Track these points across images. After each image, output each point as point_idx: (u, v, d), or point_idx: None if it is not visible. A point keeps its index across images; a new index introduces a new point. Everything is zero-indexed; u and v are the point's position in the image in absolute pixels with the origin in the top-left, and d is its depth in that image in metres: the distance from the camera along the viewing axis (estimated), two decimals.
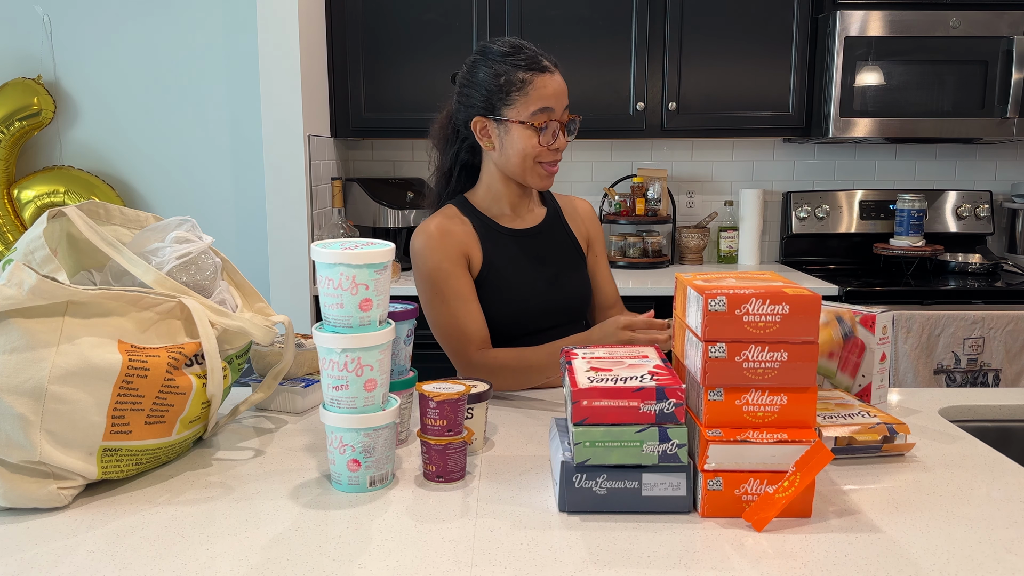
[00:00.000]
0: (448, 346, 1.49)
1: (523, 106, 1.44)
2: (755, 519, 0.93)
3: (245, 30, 3.00)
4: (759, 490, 0.95)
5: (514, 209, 1.56)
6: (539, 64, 1.44)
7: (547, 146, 1.46)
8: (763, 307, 0.94)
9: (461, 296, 1.47)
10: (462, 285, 1.48)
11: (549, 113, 1.45)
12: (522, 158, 1.47)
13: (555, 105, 1.45)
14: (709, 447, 0.95)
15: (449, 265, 1.47)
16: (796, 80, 2.84)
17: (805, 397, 0.96)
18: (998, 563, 0.85)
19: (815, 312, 0.94)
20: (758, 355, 0.94)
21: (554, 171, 1.50)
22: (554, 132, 1.46)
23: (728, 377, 0.95)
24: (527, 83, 1.43)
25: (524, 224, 1.57)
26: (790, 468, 0.95)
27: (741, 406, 0.96)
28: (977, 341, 2.49)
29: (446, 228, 1.50)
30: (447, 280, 1.47)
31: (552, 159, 1.48)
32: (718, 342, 0.95)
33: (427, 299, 1.50)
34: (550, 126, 1.45)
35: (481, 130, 1.49)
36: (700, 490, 0.96)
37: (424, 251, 1.48)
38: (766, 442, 0.95)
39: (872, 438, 1.13)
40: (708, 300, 0.94)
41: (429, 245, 1.48)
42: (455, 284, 1.47)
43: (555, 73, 1.46)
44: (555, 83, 1.46)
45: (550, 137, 1.45)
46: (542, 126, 1.44)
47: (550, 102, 1.44)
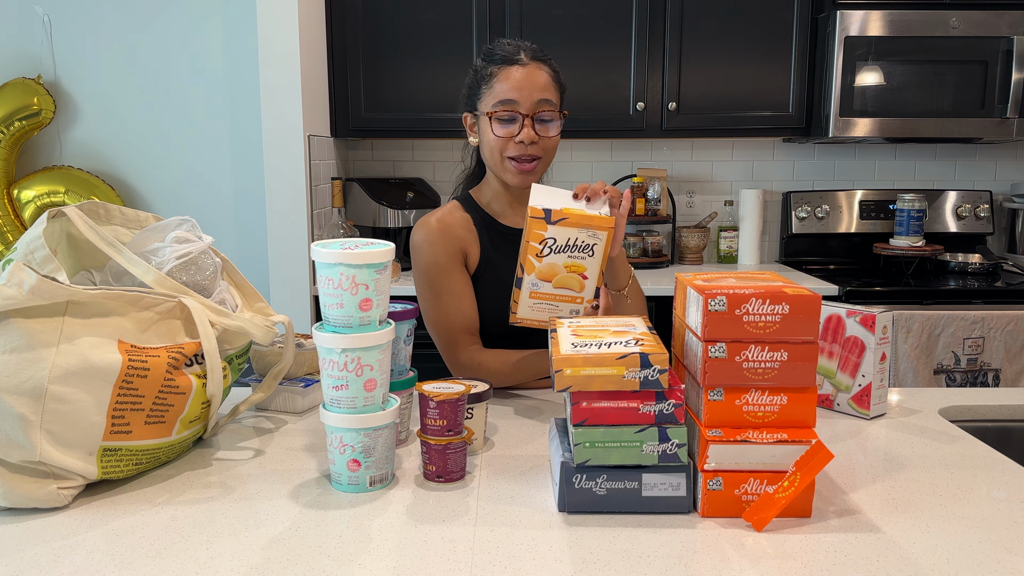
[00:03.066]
0: (437, 341, 1.51)
1: (488, 98, 1.44)
2: (755, 519, 0.93)
3: (245, 30, 3.00)
4: (759, 490, 0.95)
5: (514, 207, 1.56)
6: (511, 58, 1.44)
7: (508, 138, 1.43)
8: (763, 307, 0.94)
9: (454, 292, 1.48)
10: (456, 282, 1.48)
11: (511, 104, 1.42)
12: (491, 151, 1.46)
13: (519, 97, 1.42)
14: (709, 447, 0.95)
15: (445, 261, 1.48)
16: (796, 80, 2.84)
17: (805, 397, 0.96)
18: (998, 563, 0.85)
19: (815, 312, 0.94)
20: (758, 355, 0.94)
21: (525, 168, 1.45)
22: (520, 124, 1.42)
23: (728, 377, 0.95)
24: (493, 76, 1.44)
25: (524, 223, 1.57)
26: (790, 468, 0.95)
27: (741, 406, 0.96)
28: (977, 341, 2.49)
29: (446, 223, 1.51)
30: (441, 275, 1.48)
31: (518, 152, 1.43)
32: (718, 342, 0.95)
33: (421, 292, 1.52)
34: (514, 118, 1.42)
35: (469, 126, 1.53)
36: (700, 490, 0.96)
37: (422, 245, 1.50)
38: (766, 442, 0.95)
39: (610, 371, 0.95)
40: (708, 300, 0.94)
41: (428, 239, 1.50)
42: (448, 280, 1.48)
43: (528, 65, 1.43)
44: (522, 75, 1.42)
45: (513, 129, 1.42)
46: (503, 117, 1.42)
47: (512, 94, 1.42)
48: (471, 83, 1.50)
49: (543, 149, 1.45)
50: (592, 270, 1.26)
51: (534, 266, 1.26)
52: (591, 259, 1.26)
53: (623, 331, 1.05)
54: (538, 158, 1.45)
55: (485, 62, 1.47)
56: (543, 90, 1.44)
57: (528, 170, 1.45)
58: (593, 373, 0.95)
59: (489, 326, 1.51)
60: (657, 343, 0.99)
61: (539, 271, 1.26)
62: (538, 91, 1.43)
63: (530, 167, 1.45)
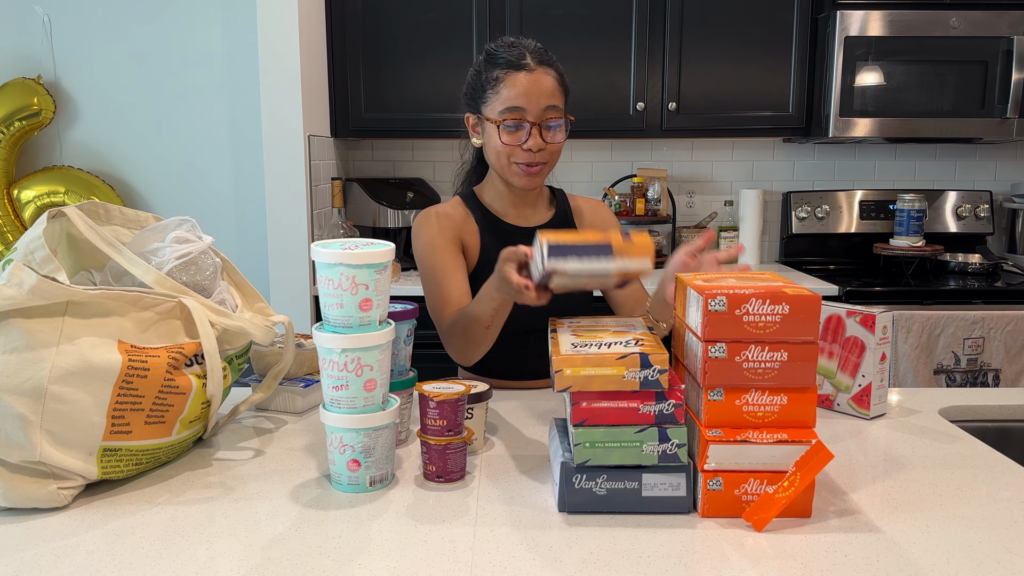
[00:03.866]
0: (432, 315, 1.49)
1: (494, 103, 1.43)
2: (755, 519, 0.93)
3: (245, 30, 3.00)
4: (759, 490, 0.95)
5: (517, 207, 1.56)
6: (517, 63, 1.42)
7: (517, 145, 1.42)
8: (763, 307, 0.94)
9: (447, 266, 1.47)
10: (450, 258, 1.48)
11: (519, 112, 1.41)
12: (497, 156, 1.45)
13: (526, 104, 1.40)
14: (709, 447, 0.95)
15: (442, 241, 1.49)
16: (796, 80, 2.84)
17: (805, 397, 0.96)
18: (998, 563, 0.85)
19: (815, 312, 0.94)
20: (758, 355, 0.94)
21: (533, 171, 1.44)
22: (527, 132, 1.42)
23: (728, 377, 0.95)
24: (499, 81, 1.42)
25: (527, 223, 1.57)
26: (790, 468, 0.95)
27: (741, 406, 0.96)
28: (977, 341, 2.49)
29: (446, 212, 1.53)
30: (437, 253, 1.48)
31: (527, 159, 1.43)
32: (718, 342, 0.95)
33: (421, 274, 1.51)
34: (521, 125, 1.42)
35: (472, 126, 1.52)
36: (700, 490, 0.96)
37: (420, 229, 1.51)
38: (766, 442, 0.95)
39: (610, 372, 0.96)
40: (708, 300, 0.94)
41: (425, 224, 1.51)
42: (443, 257, 1.48)
43: (535, 71, 1.41)
44: (529, 81, 1.41)
45: (520, 136, 1.42)
46: (511, 125, 1.42)
47: (519, 101, 1.40)
48: (474, 84, 1.48)
49: (549, 154, 1.45)
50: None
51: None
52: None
53: (623, 331, 1.05)
54: (544, 163, 1.45)
55: (489, 64, 1.44)
56: (550, 96, 1.42)
57: (534, 173, 1.45)
58: (593, 373, 0.95)
59: None
60: (657, 343, 0.99)
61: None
62: (545, 98, 1.42)
63: (536, 170, 1.45)
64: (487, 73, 1.45)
